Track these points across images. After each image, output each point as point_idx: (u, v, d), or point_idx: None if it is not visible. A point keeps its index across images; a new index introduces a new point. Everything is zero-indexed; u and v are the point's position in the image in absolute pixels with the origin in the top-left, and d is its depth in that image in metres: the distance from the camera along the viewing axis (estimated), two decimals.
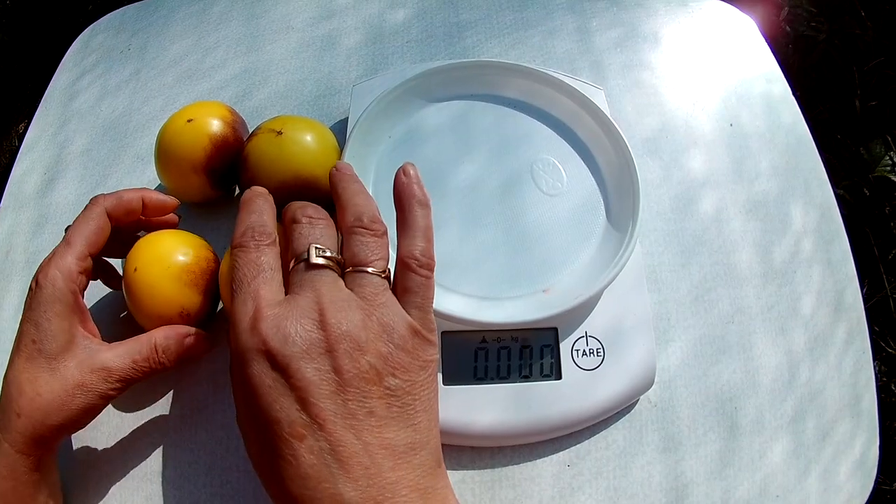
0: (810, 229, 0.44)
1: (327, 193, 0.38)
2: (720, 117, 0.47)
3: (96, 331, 0.31)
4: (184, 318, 0.33)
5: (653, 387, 0.36)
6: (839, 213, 0.45)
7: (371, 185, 0.38)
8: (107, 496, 0.34)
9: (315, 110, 0.46)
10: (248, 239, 0.27)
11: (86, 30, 0.54)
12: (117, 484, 0.34)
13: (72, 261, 0.30)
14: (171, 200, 0.35)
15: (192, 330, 0.32)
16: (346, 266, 0.26)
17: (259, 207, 0.29)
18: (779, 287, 0.41)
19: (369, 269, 0.26)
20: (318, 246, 0.26)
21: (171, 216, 0.37)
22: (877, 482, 0.38)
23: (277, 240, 0.28)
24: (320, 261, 0.26)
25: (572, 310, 0.34)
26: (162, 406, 0.36)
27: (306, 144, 0.37)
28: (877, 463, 0.38)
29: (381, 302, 0.25)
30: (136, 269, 0.33)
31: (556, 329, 0.35)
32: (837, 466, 0.37)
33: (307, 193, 0.37)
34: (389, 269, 0.27)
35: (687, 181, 0.44)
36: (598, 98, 0.41)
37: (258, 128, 0.38)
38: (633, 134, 0.45)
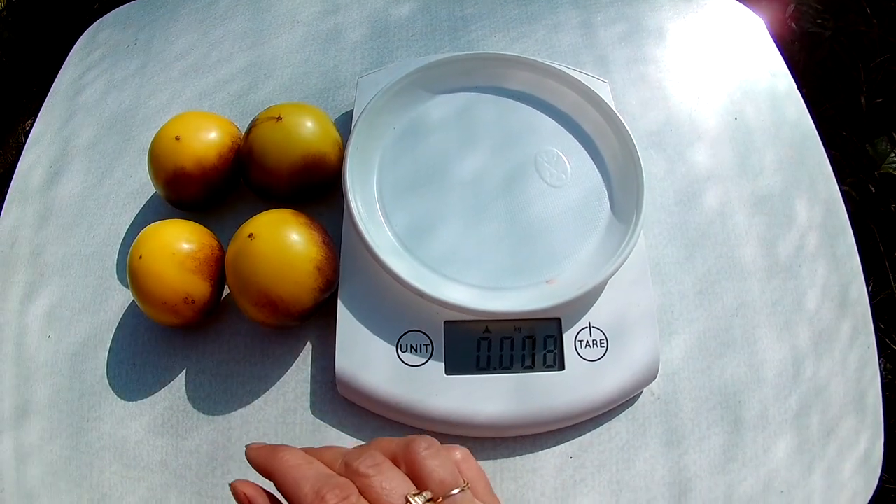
0: (815, 224, 0.43)
1: (336, 169, 0.38)
2: (725, 111, 0.47)
3: None
4: (189, 304, 0.34)
5: (656, 379, 0.36)
6: (844, 208, 0.44)
7: (375, 175, 0.38)
8: (109, 487, 0.34)
9: (320, 103, 0.46)
10: (333, 500, 0.23)
11: (92, 25, 0.54)
12: (119, 475, 0.34)
13: None
14: None
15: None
16: (437, 497, 0.24)
17: (300, 457, 0.25)
18: (784, 281, 0.41)
19: (458, 491, 0.25)
20: (413, 494, 0.24)
21: None
22: (881, 480, 0.37)
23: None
24: None
25: (576, 300, 0.34)
26: (164, 396, 0.36)
27: (309, 125, 0.37)
28: (881, 460, 0.38)
29: None
30: (140, 257, 0.33)
31: (559, 319, 0.35)
32: (842, 463, 0.37)
33: (317, 172, 0.38)
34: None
35: (691, 174, 0.44)
36: (604, 91, 0.41)
37: (255, 119, 0.38)
38: (638, 127, 0.45)
